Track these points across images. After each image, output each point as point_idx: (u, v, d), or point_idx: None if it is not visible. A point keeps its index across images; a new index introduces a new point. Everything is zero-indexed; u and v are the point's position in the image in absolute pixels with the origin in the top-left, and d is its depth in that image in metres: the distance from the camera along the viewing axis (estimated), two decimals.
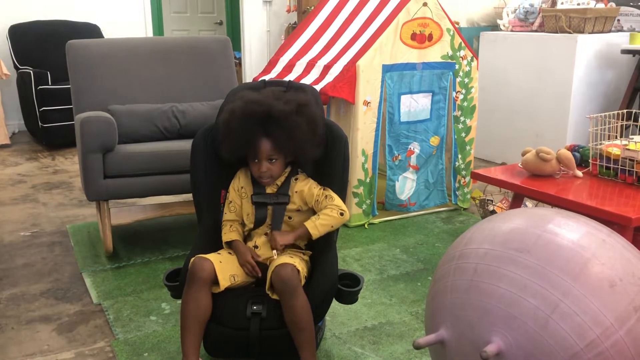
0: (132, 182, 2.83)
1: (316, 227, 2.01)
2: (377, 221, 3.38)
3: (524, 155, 2.61)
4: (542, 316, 1.30)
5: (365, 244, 3.11)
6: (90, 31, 5.68)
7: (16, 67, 5.42)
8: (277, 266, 1.89)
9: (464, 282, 1.44)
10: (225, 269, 1.93)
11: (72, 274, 2.79)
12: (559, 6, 4.34)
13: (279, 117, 1.94)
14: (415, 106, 3.34)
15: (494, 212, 3.22)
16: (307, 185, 2.07)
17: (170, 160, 2.86)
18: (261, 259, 2.00)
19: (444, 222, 3.42)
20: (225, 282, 1.91)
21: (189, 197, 2.50)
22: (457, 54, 3.41)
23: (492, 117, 4.65)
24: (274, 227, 2.05)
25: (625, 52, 4.12)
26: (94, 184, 2.77)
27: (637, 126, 3.75)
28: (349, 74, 3.10)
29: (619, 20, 4.46)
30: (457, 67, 3.42)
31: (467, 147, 3.57)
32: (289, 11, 6.94)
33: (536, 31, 4.54)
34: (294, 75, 3.42)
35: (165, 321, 2.35)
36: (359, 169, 3.23)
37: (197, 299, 1.87)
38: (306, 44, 3.56)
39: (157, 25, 6.99)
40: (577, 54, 4.11)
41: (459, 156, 3.56)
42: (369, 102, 3.17)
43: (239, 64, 7.17)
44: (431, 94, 3.37)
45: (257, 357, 1.94)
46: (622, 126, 2.71)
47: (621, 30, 4.49)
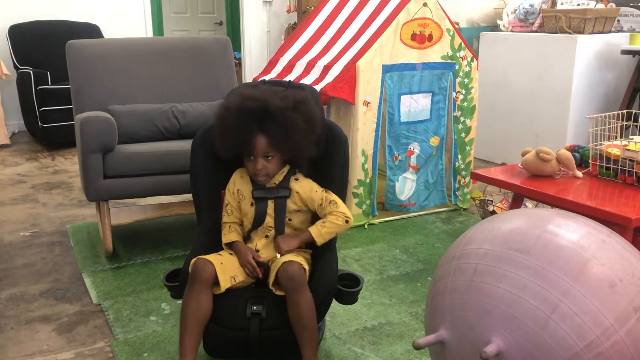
0: (132, 182, 2.83)
1: (322, 235, 2.01)
2: (377, 221, 3.38)
3: (523, 155, 2.61)
4: (542, 316, 1.30)
5: (365, 244, 3.11)
6: (90, 31, 5.68)
7: (16, 67, 5.42)
8: (284, 263, 1.89)
9: (464, 283, 1.44)
10: (226, 269, 1.93)
11: (71, 274, 2.79)
12: (559, 7, 4.34)
13: (275, 113, 1.91)
14: (415, 106, 3.34)
15: (493, 212, 3.22)
16: (308, 186, 2.06)
17: (170, 160, 2.86)
18: (262, 259, 2.00)
19: (444, 223, 3.42)
20: (226, 284, 1.90)
21: (189, 197, 2.50)
22: (457, 54, 3.41)
23: (492, 117, 4.65)
24: (277, 225, 2.04)
25: (625, 52, 4.12)
26: (93, 184, 2.77)
27: (637, 126, 3.75)
28: (349, 74, 3.10)
29: (618, 20, 4.46)
30: (457, 67, 3.42)
31: (467, 148, 3.57)
32: (289, 11, 6.94)
33: (536, 32, 4.54)
34: (294, 75, 3.41)
35: (165, 321, 2.35)
36: (359, 169, 3.23)
37: (198, 300, 1.87)
38: (306, 44, 3.55)
39: (157, 25, 6.99)
40: (577, 54, 4.11)
41: (459, 156, 3.56)
42: (369, 103, 3.17)
43: (239, 64, 7.17)
44: (431, 94, 3.37)
45: (257, 357, 1.94)
46: (622, 126, 2.70)
47: (621, 30, 4.49)
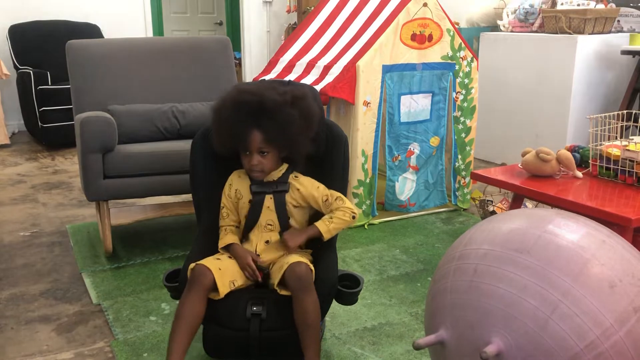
0: (131, 182, 2.83)
1: (329, 231, 2.00)
2: (376, 222, 3.38)
3: (523, 155, 2.61)
4: (541, 317, 1.30)
5: (365, 244, 3.11)
6: (90, 31, 5.68)
7: (16, 67, 5.42)
8: (292, 263, 1.88)
9: (464, 283, 1.44)
10: (224, 275, 1.91)
11: (71, 274, 2.79)
12: (559, 7, 4.34)
13: (271, 108, 1.88)
14: (415, 107, 3.34)
15: (493, 212, 3.22)
16: (309, 183, 2.05)
17: (170, 160, 2.86)
18: (261, 260, 2.00)
19: (444, 223, 3.42)
20: (224, 289, 1.89)
21: (189, 197, 2.50)
22: (457, 54, 3.41)
23: (492, 117, 4.65)
24: (280, 219, 2.02)
25: (625, 52, 4.12)
26: (93, 184, 2.77)
27: (637, 127, 3.75)
28: (349, 75, 3.10)
29: (619, 21, 4.46)
30: (457, 67, 3.42)
31: (467, 148, 3.57)
32: (289, 11, 6.94)
33: (536, 32, 4.53)
34: (294, 75, 3.41)
35: (164, 321, 2.34)
36: (359, 169, 3.23)
37: (193, 302, 1.86)
38: (306, 44, 3.55)
39: (157, 25, 7.00)
40: (577, 54, 4.11)
41: (459, 157, 3.56)
42: (369, 103, 3.17)
43: (239, 64, 7.18)
44: (431, 94, 3.37)
45: (257, 358, 1.93)
46: (622, 127, 2.70)
47: (621, 31, 4.49)
